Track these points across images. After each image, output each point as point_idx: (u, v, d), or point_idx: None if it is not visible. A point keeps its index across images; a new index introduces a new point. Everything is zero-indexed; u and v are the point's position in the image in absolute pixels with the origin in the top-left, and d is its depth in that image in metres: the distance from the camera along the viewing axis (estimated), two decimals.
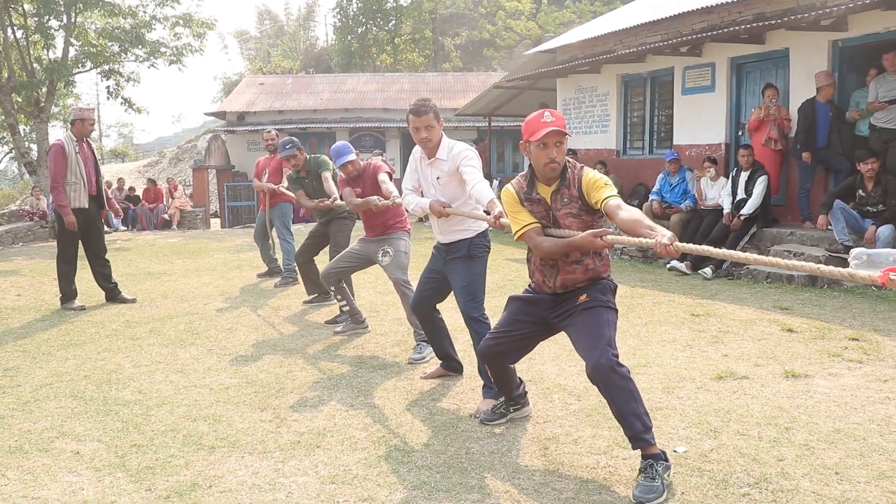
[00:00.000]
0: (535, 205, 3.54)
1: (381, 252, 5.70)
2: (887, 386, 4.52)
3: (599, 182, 3.41)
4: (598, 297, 3.49)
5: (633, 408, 3.20)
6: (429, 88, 26.27)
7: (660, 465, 3.14)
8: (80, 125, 7.44)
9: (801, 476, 3.27)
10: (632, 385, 3.24)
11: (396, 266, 5.63)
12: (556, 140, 3.41)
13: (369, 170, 5.89)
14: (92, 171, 7.50)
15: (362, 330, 6.22)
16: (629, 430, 3.22)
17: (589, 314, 3.42)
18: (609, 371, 3.21)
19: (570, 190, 3.47)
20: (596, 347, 3.28)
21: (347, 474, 3.41)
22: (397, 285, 5.57)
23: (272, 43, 51.44)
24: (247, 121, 24.27)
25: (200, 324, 6.68)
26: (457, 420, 4.10)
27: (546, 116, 3.43)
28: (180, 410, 4.35)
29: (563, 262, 3.51)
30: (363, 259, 5.93)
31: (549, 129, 3.38)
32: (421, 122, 4.39)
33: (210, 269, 10.20)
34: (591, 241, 3.28)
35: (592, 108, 13.55)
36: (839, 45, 9.10)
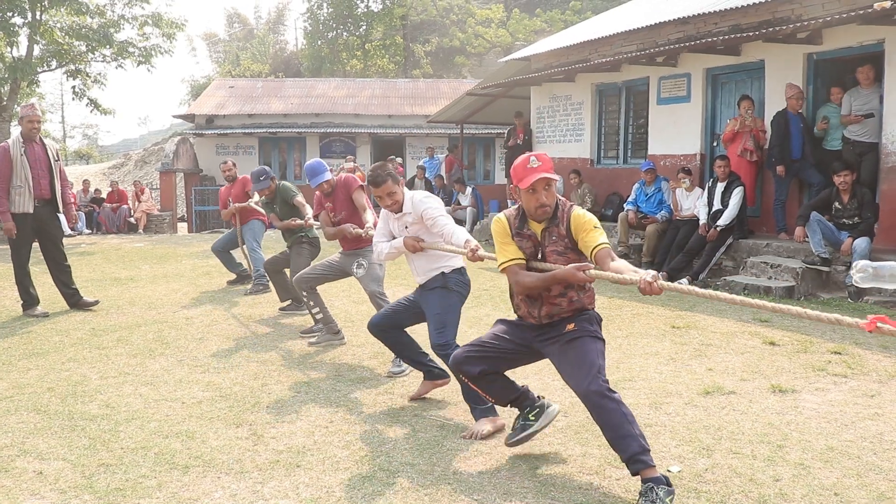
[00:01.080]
0: (525, 240, 3.55)
1: (356, 264, 5.67)
2: (875, 401, 4.48)
3: (588, 224, 3.41)
4: (585, 326, 3.47)
5: (627, 430, 3.12)
6: (400, 95, 26.14)
7: (661, 489, 3.01)
8: (22, 124, 7.14)
9: (801, 497, 3.19)
10: (625, 408, 3.18)
11: (371, 278, 5.57)
12: (545, 185, 3.41)
13: (342, 184, 5.93)
14: (43, 175, 7.14)
15: (338, 342, 6.04)
16: (625, 453, 3.11)
17: (577, 343, 3.40)
18: (599, 397, 3.17)
19: (558, 228, 3.48)
20: (586, 375, 3.25)
21: (330, 497, 3.25)
22: (373, 298, 5.51)
23: (241, 46, 50.86)
24: (216, 124, 23.91)
25: (170, 333, 6.45)
26: (441, 438, 3.96)
27: (532, 162, 3.42)
28: (151, 426, 4.15)
29: (546, 295, 3.50)
30: (337, 270, 5.90)
31: (537, 176, 3.38)
32: (382, 191, 4.46)
33: (178, 276, 9.94)
34: (573, 275, 3.30)
35: (567, 116, 13.51)
36: (814, 58, 9.16)
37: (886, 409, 4.33)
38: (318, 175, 5.88)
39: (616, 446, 3.15)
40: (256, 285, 8.41)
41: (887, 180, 8.15)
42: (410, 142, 23.71)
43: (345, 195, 5.89)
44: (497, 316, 6.52)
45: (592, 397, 3.18)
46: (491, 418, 4.00)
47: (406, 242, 4.46)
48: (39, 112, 7.31)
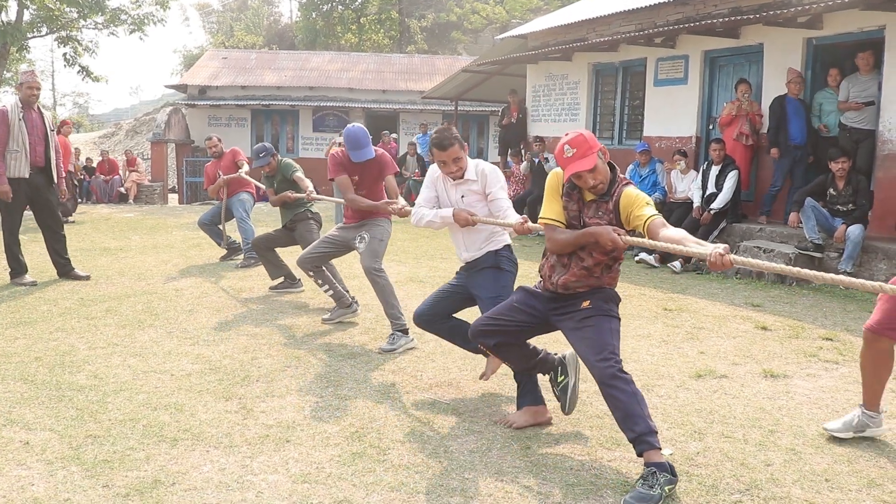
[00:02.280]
0: (572, 202, 3.46)
1: (358, 238, 5.48)
2: None
3: (640, 200, 3.28)
4: (600, 305, 3.42)
5: (636, 410, 3.11)
6: (394, 70, 25.92)
7: (663, 476, 2.98)
8: (21, 90, 7.08)
9: (792, 483, 3.19)
10: (634, 389, 3.16)
11: (370, 252, 5.38)
12: (588, 170, 3.29)
13: (375, 159, 5.54)
14: (39, 142, 7.07)
15: (352, 315, 5.91)
16: (632, 432, 3.09)
17: (591, 321, 3.36)
18: (611, 377, 3.16)
19: (606, 204, 3.37)
20: (600, 354, 3.23)
21: (320, 473, 3.22)
22: (368, 273, 5.33)
23: (235, 17, 50.32)
24: (208, 95, 23.65)
25: (159, 304, 6.39)
26: (432, 415, 3.94)
27: (566, 151, 3.31)
28: (139, 398, 4.11)
29: (575, 263, 3.44)
30: (340, 245, 5.68)
31: (572, 171, 3.30)
32: (448, 155, 4.09)
33: (169, 247, 9.86)
34: (608, 234, 3.22)
35: (563, 95, 13.42)
36: (813, 43, 9.10)
37: None
38: (362, 150, 5.42)
39: (623, 426, 3.14)
40: (248, 258, 8.31)
41: (883, 168, 8.13)
42: (404, 117, 23.56)
43: (377, 172, 5.56)
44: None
45: (604, 377, 3.17)
46: (534, 409, 3.79)
47: (458, 215, 4.07)
48: (39, 79, 7.27)
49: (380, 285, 5.27)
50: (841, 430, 3.72)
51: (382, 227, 5.56)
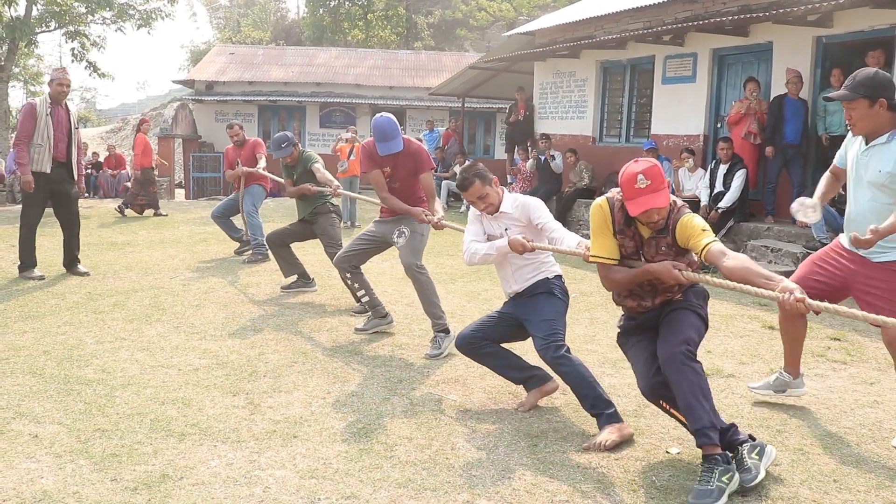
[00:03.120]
0: (627, 238, 3.33)
1: (397, 232, 5.17)
2: (874, 389, 4.47)
3: (697, 229, 3.15)
4: (690, 298, 3.37)
5: (701, 401, 3.07)
6: (401, 66, 25.88)
7: (719, 467, 2.97)
8: (52, 86, 7.16)
9: (800, 483, 3.18)
10: (704, 381, 3.13)
11: (411, 249, 5.09)
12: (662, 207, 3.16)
13: (411, 153, 5.18)
14: (62, 138, 7.16)
15: (385, 326, 5.49)
16: (695, 423, 3.07)
17: (677, 314, 3.30)
18: (681, 363, 3.11)
19: (666, 238, 3.26)
20: (674, 340, 3.17)
21: (328, 468, 3.23)
22: (409, 270, 5.04)
23: (242, 13, 50.34)
24: (216, 90, 23.66)
25: (166, 299, 6.41)
26: (439, 412, 3.94)
27: (640, 181, 3.12)
28: (147, 392, 4.12)
29: (661, 287, 3.34)
30: (378, 241, 5.38)
31: (647, 207, 3.12)
32: (470, 195, 4.03)
33: (175, 242, 9.87)
34: (669, 272, 3.15)
35: (570, 93, 13.39)
36: (823, 41, 9.06)
37: (886, 397, 4.32)
38: (391, 142, 5.06)
39: (686, 414, 3.13)
40: (255, 254, 8.26)
41: None
42: (411, 114, 23.53)
43: (411, 167, 5.18)
44: (496, 291, 6.49)
45: (675, 360, 3.12)
46: (617, 426, 3.58)
47: (514, 244, 3.86)
48: (70, 77, 7.34)
49: (421, 283, 5.03)
50: (761, 388, 4.18)
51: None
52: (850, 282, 3.74)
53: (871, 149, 3.64)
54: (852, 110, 3.59)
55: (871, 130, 3.62)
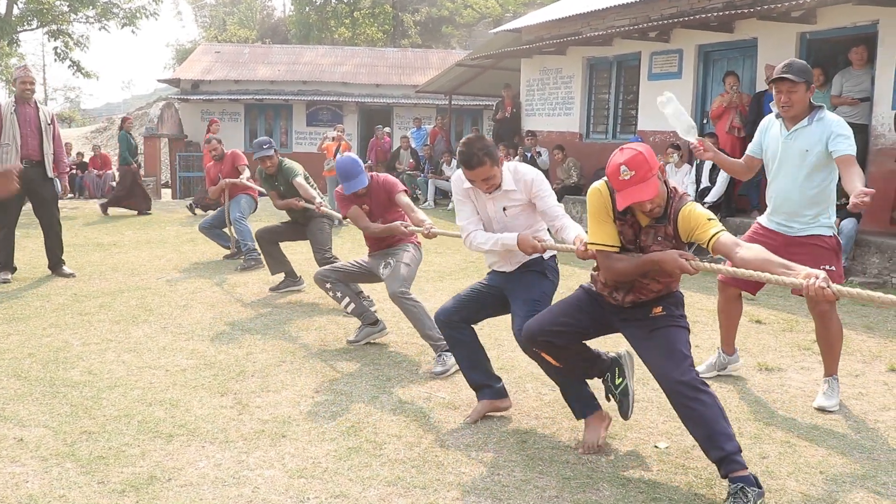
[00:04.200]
0: (626, 226, 3.12)
1: (383, 264, 5.04)
2: (859, 381, 4.50)
3: (702, 218, 2.95)
4: (672, 311, 3.15)
5: (723, 427, 2.87)
6: (388, 64, 25.84)
7: (752, 490, 2.79)
8: (16, 85, 7.11)
9: (787, 475, 3.20)
10: (719, 403, 2.94)
11: (394, 278, 4.85)
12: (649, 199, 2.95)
13: (380, 186, 5.15)
14: (32, 135, 7.06)
15: (379, 335, 5.26)
16: (719, 452, 2.85)
17: (663, 332, 3.08)
18: (692, 390, 2.90)
19: (665, 228, 3.05)
20: (677, 365, 2.96)
21: (317, 468, 3.22)
22: (394, 298, 4.78)
23: (228, 11, 50.08)
24: (201, 89, 23.55)
25: (153, 299, 6.37)
26: (428, 410, 3.94)
27: (623, 173, 2.90)
28: (134, 394, 4.10)
29: (637, 281, 3.14)
30: (366, 270, 5.22)
31: (631, 200, 2.92)
32: (476, 175, 3.63)
33: (162, 242, 9.83)
34: (675, 261, 2.90)
35: (557, 89, 13.42)
36: (807, 38, 9.11)
37: (870, 389, 4.35)
38: (354, 180, 5.01)
39: (707, 445, 2.89)
40: (248, 260, 8.01)
41: (875, 162, 8.16)
42: (398, 112, 23.51)
43: (385, 198, 5.12)
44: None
45: (684, 389, 2.90)
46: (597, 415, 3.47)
47: (525, 243, 3.60)
48: (33, 74, 7.26)
49: (409, 311, 4.75)
50: (705, 371, 4.42)
51: (409, 252, 5.10)
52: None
53: (794, 132, 3.98)
54: (793, 93, 3.90)
55: (799, 113, 3.97)
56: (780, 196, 4.10)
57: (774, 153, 4.10)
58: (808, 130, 3.94)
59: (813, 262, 3.77)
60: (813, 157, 3.92)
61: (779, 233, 4.11)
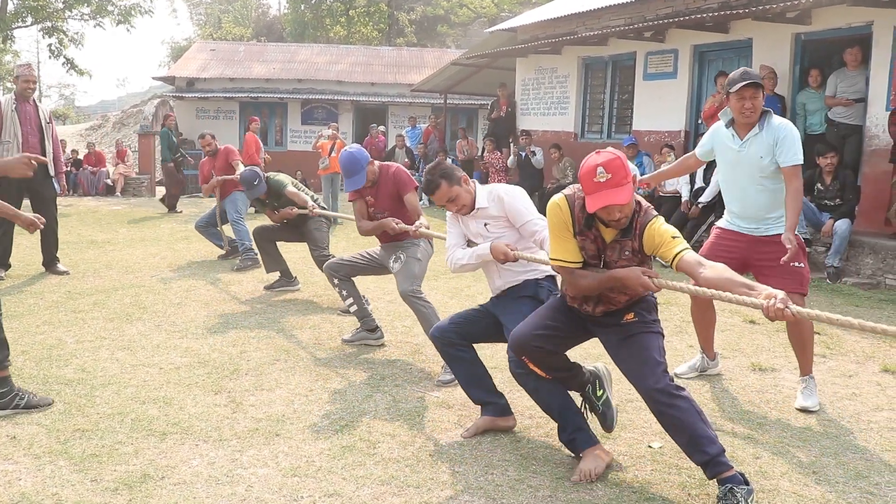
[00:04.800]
0: (588, 241, 3.06)
1: (394, 258, 4.89)
2: (852, 381, 4.52)
3: (667, 236, 2.92)
4: (644, 316, 3.12)
5: (703, 429, 2.86)
6: (383, 63, 25.84)
7: (740, 489, 2.78)
8: (17, 83, 7.09)
9: (780, 475, 3.21)
10: (697, 406, 2.92)
11: (406, 274, 4.73)
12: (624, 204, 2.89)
13: (389, 177, 4.97)
14: (33, 133, 7.07)
15: (373, 342, 5.15)
16: (702, 456, 2.85)
17: (637, 339, 3.06)
18: (668, 396, 2.89)
19: (632, 242, 3.00)
20: (651, 372, 2.94)
21: (310, 466, 3.22)
22: (405, 297, 4.66)
23: (223, 9, 49.95)
24: (196, 87, 23.52)
25: (147, 297, 6.36)
26: (422, 409, 3.94)
27: (599, 174, 2.84)
28: (128, 392, 4.09)
29: (605, 293, 3.10)
30: (377, 263, 5.10)
31: (607, 203, 2.84)
32: (438, 198, 3.73)
33: (156, 240, 9.80)
34: (638, 278, 2.89)
35: (552, 89, 13.43)
36: (802, 38, 9.14)
37: (863, 390, 4.37)
38: (352, 178, 4.86)
39: (690, 450, 2.89)
40: (245, 260, 7.95)
41: (869, 163, 8.18)
42: (393, 110, 23.51)
43: (392, 191, 4.96)
44: (479, 287, 6.51)
45: (659, 396, 2.90)
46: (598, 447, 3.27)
47: (497, 250, 3.58)
48: (35, 72, 7.25)
49: (419, 311, 4.63)
50: (686, 371, 4.55)
51: (420, 246, 4.94)
52: (747, 259, 4.15)
53: (747, 141, 4.06)
54: (755, 100, 3.98)
55: (754, 120, 4.04)
56: (742, 202, 4.16)
57: (728, 162, 4.20)
58: (761, 137, 4.03)
59: (777, 260, 3.97)
60: (767, 163, 4.02)
61: (744, 234, 4.17)
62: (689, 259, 2.86)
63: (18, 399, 3.74)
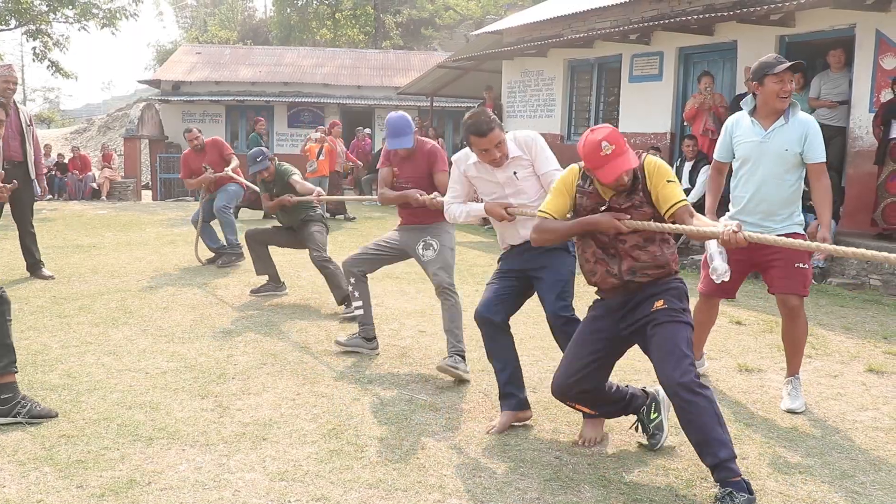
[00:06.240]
0: (585, 197, 3.23)
1: (423, 244, 4.66)
2: (838, 382, 4.55)
3: (662, 175, 3.12)
4: (675, 305, 3.15)
5: (718, 433, 2.89)
6: (369, 66, 25.84)
7: (740, 496, 2.79)
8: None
9: (767, 476, 3.23)
10: (717, 408, 2.95)
11: (442, 264, 4.58)
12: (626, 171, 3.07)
13: (425, 152, 4.81)
14: (13, 136, 6.99)
15: (368, 351, 4.97)
16: (713, 458, 2.88)
17: (666, 328, 3.09)
18: (691, 392, 2.92)
19: (638, 196, 3.16)
20: (677, 365, 2.97)
21: (298, 470, 3.21)
22: (442, 291, 4.53)
23: (209, 12, 49.84)
24: (182, 90, 23.44)
25: (133, 302, 6.32)
26: (410, 412, 3.93)
27: (605, 148, 3.01)
28: (113, 397, 4.06)
29: (623, 248, 3.18)
30: (397, 250, 4.89)
31: (619, 171, 3.02)
32: (489, 141, 3.65)
33: (142, 244, 9.74)
34: (610, 222, 3.06)
35: (538, 91, 13.46)
36: (786, 41, 9.20)
37: (849, 390, 4.40)
38: (399, 138, 4.70)
39: (702, 449, 2.92)
40: (230, 255, 7.97)
41: (853, 164, 8.25)
42: (379, 113, 23.49)
43: (422, 167, 4.78)
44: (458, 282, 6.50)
45: (681, 391, 2.93)
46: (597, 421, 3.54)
47: (492, 209, 3.66)
48: (16, 73, 7.12)
49: (451, 306, 4.53)
50: None
51: (450, 233, 4.76)
52: (754, 259, 4.11)
53: (772, 132, 4.03)
54: (793, 84, 4.02)
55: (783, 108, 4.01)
56: (756, 196, 4.08)
57: (748, 153, 4.09)
58: (786, 129, 3.98)
59: (786, 261, 3.95)
60: (791, 155, 3.98)
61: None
62: (681, 212, 3.08)
63: (20, 407, 3.67)
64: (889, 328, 5.85)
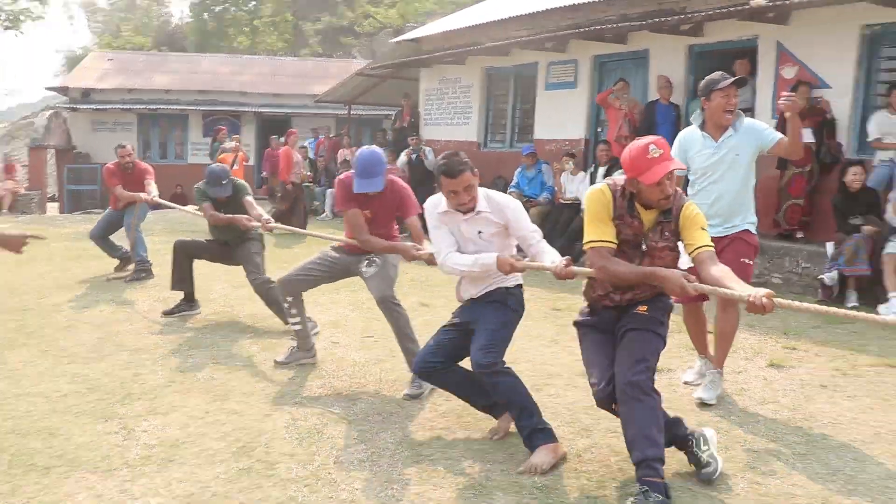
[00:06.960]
0: (625, 225, 3.19)
1: (367, 261, 4.63)
2: (741, 378, 4.71)
3: (697, 221, 3.14)
4: (655, 316, 3.22)
5: (653, 433, 2.96)
6: (287, 73, 25.51)
7: (654, 496, 2.85)
8: None
9: (673, 473, 3.28)
10: (659, 415, 3.02)
11: (383, 279, 4.58)
12: (670, 174, 3.08)
13: (395, 191, 4.71)
14: None
15: (308, 361, 4.95)
16: (640, 454, 2.93)
17: (638, 334, 3.16)
18: (638, 391, 3.00)
19: (670, 224, 3.18)
20: (633, 365, 3.05)
21: (205, 492, 3.11)
22: (384, 303, 4.52)
23: (123, 17, 48.39)
24: (92, 98, 22.62)
25: (34, 321, 6.04)
26: (322, 426, 3.86)
27: (652, 151, 3.06)
28: (6, 425, 3.85)
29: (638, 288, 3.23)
30: (338, 269, 4.82)
31: (668, 169, 3.04)
32: (459, 183, 3.55)
33: (46, 259, 9.33)
34: (678, 280, 2.95)
35: (455, 99, 13.53)
36: (695, 50, 9.50)
37: (751, 385, 4.55)
38: (370, 179, 4.50)
39: (633, 445, 2.97)
40: (138, 272, 7.72)
41: (759, 169, 8.50)
42: (297, 121, 23.15)
43: (394, 208, 4.73)
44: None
45: (629, 388, 3.00)
46: (551, 446, 3.43)
47: (503, 263, 3.52)
48: None
49: (397, 319, 4.53)
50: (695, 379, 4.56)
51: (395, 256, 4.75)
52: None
53: (722, 142, 4.27)
54: (737, 97, 4.21)
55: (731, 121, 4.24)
56: (717, 203, 4.31)
57: (704, 165, 4.35)
58: (735, 138, 4.25)
59: (734, 256, 4.15)
60: (743, 159, 4.27)
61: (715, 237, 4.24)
62: (705, 255, 3.08)
63: None
64: (788, 324, 6.09)
